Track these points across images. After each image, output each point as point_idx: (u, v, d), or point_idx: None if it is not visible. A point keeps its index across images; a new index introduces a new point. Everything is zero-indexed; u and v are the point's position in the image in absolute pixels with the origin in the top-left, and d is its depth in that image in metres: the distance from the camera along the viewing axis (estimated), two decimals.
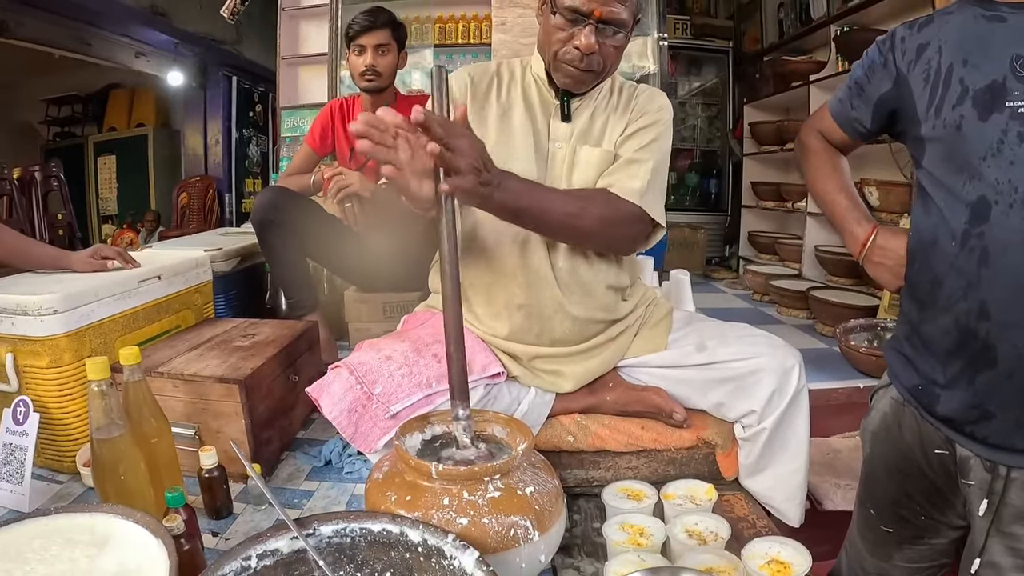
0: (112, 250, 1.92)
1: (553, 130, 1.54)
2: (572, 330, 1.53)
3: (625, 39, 1.43)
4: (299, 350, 1.91)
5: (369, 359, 1.38)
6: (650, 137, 1.51)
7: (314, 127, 2.64)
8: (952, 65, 1.15)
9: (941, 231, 1.17)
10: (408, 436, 1.12)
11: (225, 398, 1.56)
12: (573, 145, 1.52)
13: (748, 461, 1.57)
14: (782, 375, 1.48)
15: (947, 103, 1.15)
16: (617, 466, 1.60)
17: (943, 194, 1.16)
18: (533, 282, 1.50)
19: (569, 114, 1.53)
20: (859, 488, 1.50)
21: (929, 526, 1.34)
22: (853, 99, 1.35)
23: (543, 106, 1.55)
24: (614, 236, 1.46)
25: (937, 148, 1.18)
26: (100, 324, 1.75)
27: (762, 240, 5.23)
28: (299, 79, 4.33)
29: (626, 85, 1.61)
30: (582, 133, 1.53)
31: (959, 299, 1.15)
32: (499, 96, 1.57)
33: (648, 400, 1.57)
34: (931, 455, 1.26)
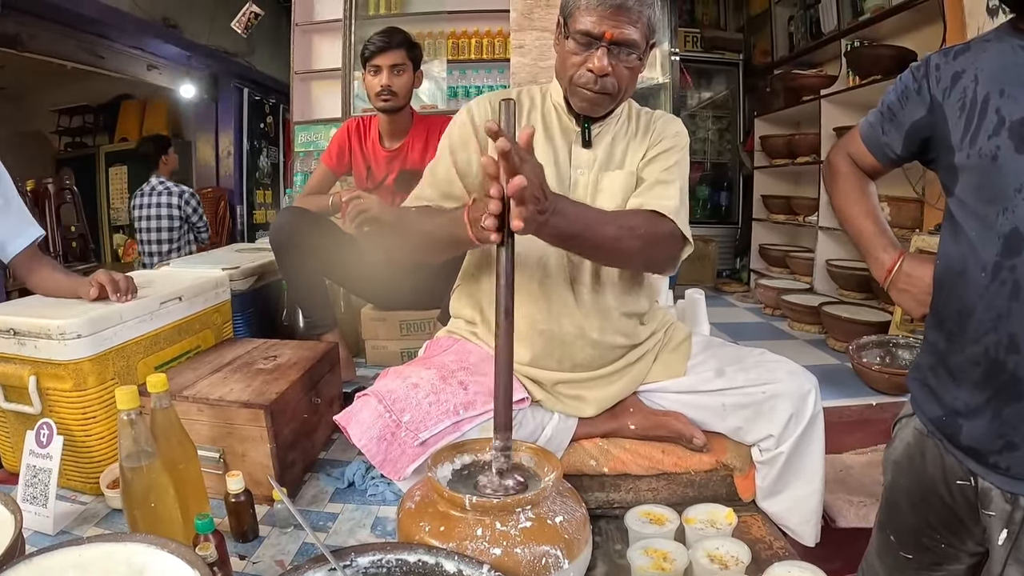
0: (106, 277, 1.83)
1: (575, 157, 1.56)
2: (593, 355, 1.55)
3: (639, 61, 1.45)
4: (321, 372, 1.93)
5: (396, 387, 1.40)
6: (673, 160, 1.53)
7: (331, 147, 2.67)
8: (988, 95, 1.14)
9: (971, 261, 1.15)
10: (440, 466, 1.14)
11: (251, 423, 1.58)
12: (596, 172, 1.54)
13: (765, 483, 1.59)
14: (799, 400, 1.51)
15: (983, 133, 1.13)
16: (638, 489, 1.62)
17: (975, 224, 1.15)
18: (554, 307, 1.52)
19: (590, 140, 1.55)
20: (879, 513, 1.48)
21: (948, 553, 1.33)
22: (884, 124, 1.34)
23: (564, 133, 1.57)
24: (655, 256, 1.47)
25: (971, 177, 1.16)
26: (123, 347, 1.77)
27: (773, 253, 5.22)
28: (312, 94, 4.36)
29: (643, 112, 1.64)
30: (605, 160, 1.55)
31: (988, 331, 1.13)
32: (519, 124, 1.57)
33: (669, 425, 1.59)
34: (953, 486, 1.25)
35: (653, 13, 1.44)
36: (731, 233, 6.42)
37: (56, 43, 5.74)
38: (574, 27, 1.41)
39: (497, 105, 1.57)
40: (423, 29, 4.12)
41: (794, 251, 4.99)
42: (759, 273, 5.38)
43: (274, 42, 6.65)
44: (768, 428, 1.52)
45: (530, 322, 1.53)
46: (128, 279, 1.86)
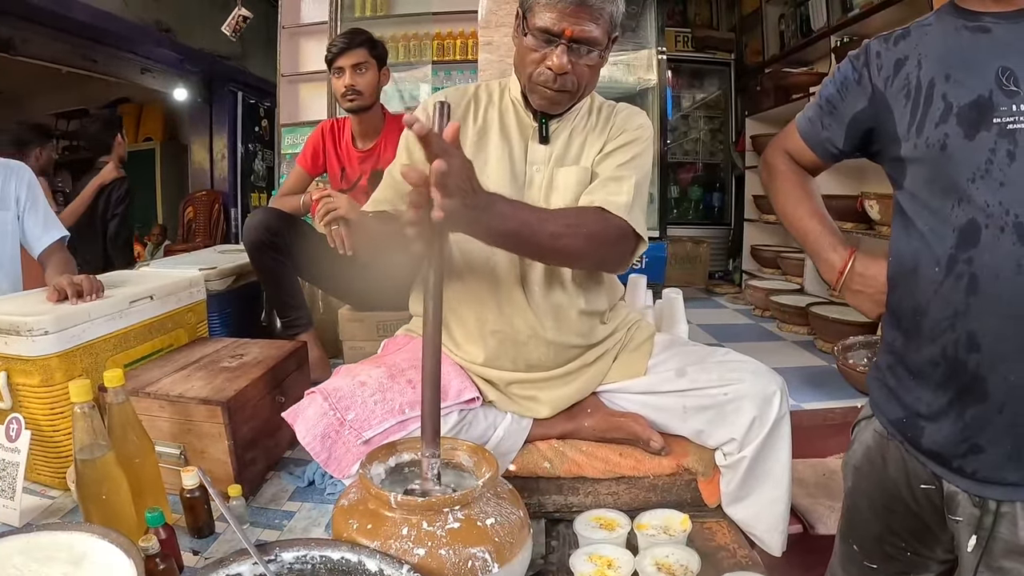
0: (66, 280, 1.83)
1: (531, 153, 1.53)
2: (548, 355, 1.53)
3: (600, 58, 1.42)
4: (286, 370, 1.93)
5: (343, 385, 1.40)
6: (631, 154, 1.49)
7: (306, 148, 2.68)
8: (934, 80, 1.10)
9: (923, 257, 1.11)
10: (375, 464, 1.13)
11: (209, 419, 1.58)
12: (551, 168, 1.51)
13: (729, 489, 1.55)
14: (763, 402, 1.46)
15: (929, 121, 1.09)
16: (597, 492, 1.59)
17: (927, 216, 1.11)
18: (505, 307, 1.50)
19: (548, 136, 1.52)
20: (840, 522, 1.44)
21: (915, 562, 1.29)
22: (824, 118, 1.29)
23: (520, 129, 1.55)
24: (604, 255, 1.42)
25: (920, 169, 1.12)
26: (92, 344, 1.77)
27: (765, 254, 5.21)
28: (300, 96, 4.37)
29: (605, 105, 1.60)
30: (560, 155, 1.52)
31: (946, 329, 1.10)
32: (475, 119, 1.56)
33: (626, 427, 1.57)
34: (917, 490, 1.21)
35: (616, 8, 1.40)
36: (723, 234, 6.41)
37: (49, 47, 5.74)
38: (533, 23, 1.37)
39: (452, 100, 1.53)
40: (408, 30, 4.12)
41: (786, 251, 4.97)
42: (751, 274, 5.37)
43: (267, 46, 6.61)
44: (730, 431, 1.48)
45: (480, 322, 1.52)
46: (91, 279, 1.86)
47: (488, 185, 1.44)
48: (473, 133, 1.54)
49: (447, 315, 1.57)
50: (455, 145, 1.09)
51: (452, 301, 1.55)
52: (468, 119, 1.56)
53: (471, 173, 1.11)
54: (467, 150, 1.50)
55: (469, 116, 1.56)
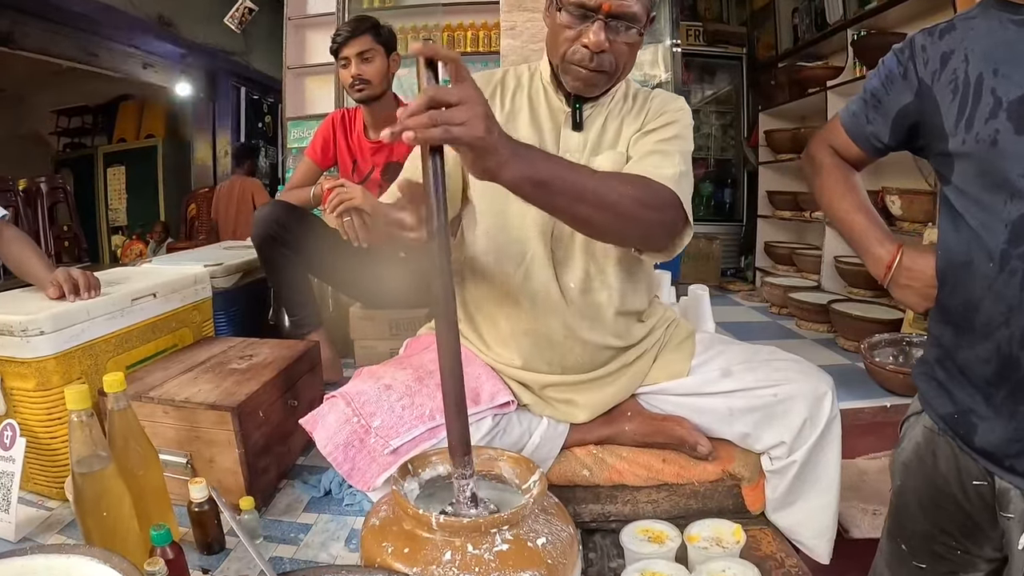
0: (64, 275, 1.74)
1: (564, 141, 1.41)
2: (584, 356, 1.43)
3: (638, 36, 1.31)
4: (299, 372, 1.82)
5: (367, 389, 1.29)
6: (671, 133, 1.37)
7: (315, 139, 2.56)
8: (982, 75, 1.06)
9: (975, 251, 1.08)
10: (408, 479, 1.01)
11: (217, 426, 1.47)
12: (586, 157, 1.40)
13: (775, 495, 1.47)
14: (814, 403, 1.38)
15: (979, 117, 1.06)
16: (636, 500, 1.49)
17: (977, 212, 1.08)
18: (540, 306, 1.39)
19: (581, 122, 1.41)
20: (888, 521, 1.40)
21: (964, 560, 1.24)
22: (869, 112, 1.25)
23: (552, 114, 1.43)
24: (651, 222, 1.21)
25: (969, 164, 1.09)
26: (91, 345, 1.68)
27: (779, 251, 5.10)
28: (306, 89, 4.28)
29: (640, 91, 1.49)
30: (595, 143, 1.41)
31: (1000, 325, 1.06)
32: (502, 105, 1.45)
33: (670, 431, 1.46)
34: (968, 487, 1.17)
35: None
36: (735, 231, 6.29)
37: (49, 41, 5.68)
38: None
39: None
40: (418, 22, 4.03)
41: (801, 248, 4.87)
42: (764, 271, 5.27)
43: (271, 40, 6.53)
44: (780, 434, 1.39)
45: (512, 322, 1.42)
46: (88, 276, 1.76)
47: None
48: (505, 115, 1.43)
49: (476, 314, 1.47)
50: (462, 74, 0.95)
51: (481, 300, 1.46)
52: (495, 106, 1.44)
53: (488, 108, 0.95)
54: None
55: (496, 103, 1.45)
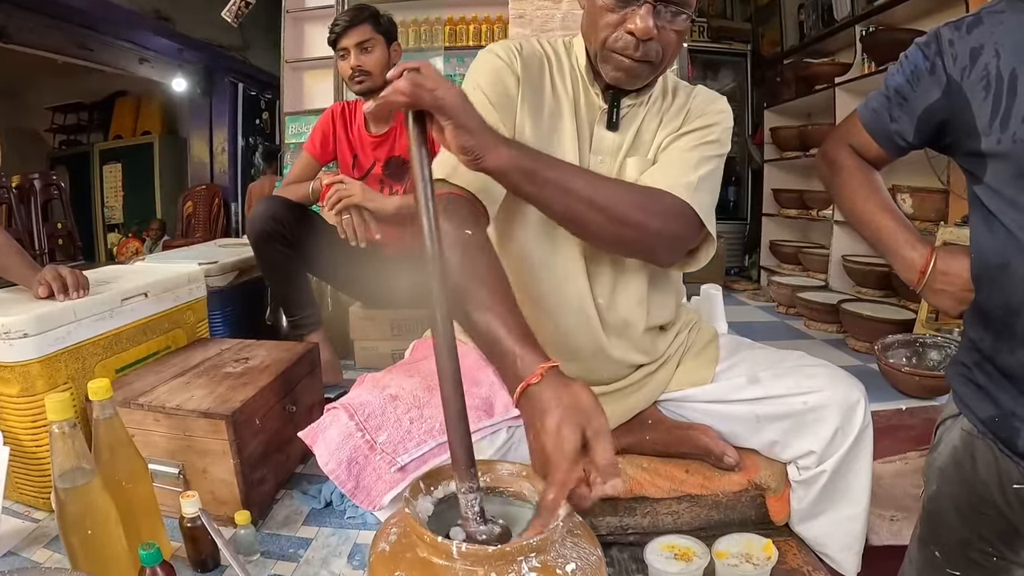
0: (52, 273, 1.66)
1: (596, 141, 1.28)
2: (607, 371, 1.35)
3: (688, 23, 1.18)
4: (297, 376, 1.74)
5: (372, 399, 1.19)
6: (709, 138, 1.26)
7: (314, 133, 2.47)
8: (1015, 71, 1.01)
9: (1013, 253, 1.03)
10: (420, 498, 0.91)
11: (211, 434, 1.39)
12: (619, 161, 1.28)
13: (802, 506, 1.39)
14: (846, 411, 1.29)
15: (1015, 115, 1.01)
16: (656, 512, 1.41)
17: (1014, 213, 1.03)
18: (571, 319, 1.29)
19: (617, 121, 1.27)
20: (919, 527, 1.33)
21: (1000, 567, 1.19)
22: (893, 110, 1.18)
23: (588, 110, 1.30)
24: (652, 231, 1.13)
25: (1005, 164, 1.04)
26: (78, 348, 1.59)
27: (785, 250, 5.03)
28: (304, 84, 4.19)
29: (681, 86, 1.36)
30: (630, 146, 1.29)
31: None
32: (553, 87, 1.30)
33: (694, 440, 1.38)
34: (1009, 491, 1.12)
35: None
36: (739, 229, 6.21)
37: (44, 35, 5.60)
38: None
39: (526, 52, 1.28)
40: (419, 15, 3.94)
41: (807, 247, 4.80)
42: (769, 270, 5.20)
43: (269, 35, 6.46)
44: (809, 443, 1.31)
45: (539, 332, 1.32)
46: (77, 274, 1.68)
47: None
48: (551, 102, 1.29)
49: None
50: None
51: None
52: (545, 84, 1.30)
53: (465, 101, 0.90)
54: (544, 124, 1.27)
55: (546, 80, 1.30)
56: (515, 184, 0.98)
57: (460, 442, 0.85)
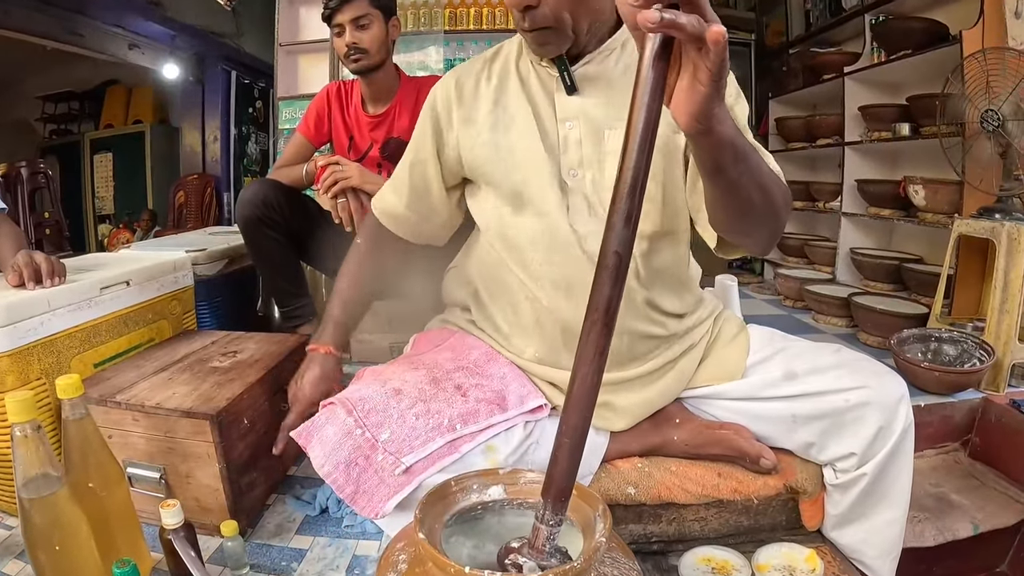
0: (25, 258, 1.54)
1: (560, 108, 1.21)
2: (619, 345, 1.22)
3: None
4: (289, 371, 1.59)
5: (373, 394, 1.07)
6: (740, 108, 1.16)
7: (308, 114, 2.33)
8: None
9: None
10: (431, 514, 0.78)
11: (194, 436, 1.27)
12: (596, 127, 1.19)
13: (837, 511, 1.28)
14: (889, 410, 1.19)
15: None
16: (682, 519, 1.30)
17: None
18: (567, 288, 1.19)
19: (574, 84, 1.19)
20: None
21: None
22: None
23: (542, 82, 1.24)
24: (783, 220, 1.04)
25: None
26: (52, 340, 1.47)
27: (789, 242, 4.92)
28: (299, 68, 4.05)
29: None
30: (604, 112, 1.19)
31: None
32: (489, 81, 1.28)
33: (728, 441, 1.26)
34: None
35: None
36: None
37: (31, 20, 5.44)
38: None
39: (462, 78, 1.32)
40: None
41: (813, 240, 4.70)
42: (774, 263, 5.10)
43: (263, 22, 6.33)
44: (848, 445, 1.20)
45: (533, 303, 1.23)
46: (52, 260, 1.55)
47: (515, 147, 1.21)
48: (490, 97, 1.27)
49: (491, 300, 1.28)
50: None
51: (496, 281, 1.28)
52: (481, 87, 1.30)
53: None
54: (482, 120, 1.26)
55: (482, 83, 1.30)
56: (724, 163, 0.84)
57: (569, 470, 0.73)
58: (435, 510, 0.77)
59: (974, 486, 1.83)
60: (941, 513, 1.68)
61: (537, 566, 0.72)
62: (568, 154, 1.20)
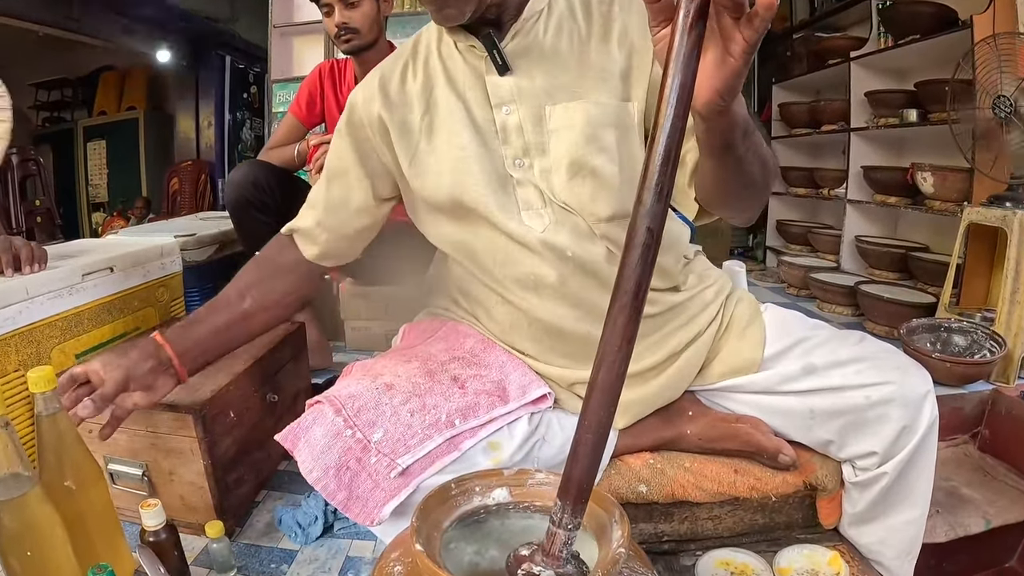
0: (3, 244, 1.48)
1: (493, 93, 1.09)
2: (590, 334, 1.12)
3: None
4: (280, 360, 1.55)
5: (363, 390, 0.99)
6: None
7: (300, 94, 2.25)
8: None
9: None
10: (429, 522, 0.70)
11: (177, 431, 1.20)
12: (536, 105, 1.08)
13: (856, 509, 1.20)
14: (914, 407, 1.10)
15: None
16: (695, 517, 1.22)
17: None
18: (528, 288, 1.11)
19: (505, 62, 1.07)
20: None
21: None
22: None
23: (469, 67, 1.11)
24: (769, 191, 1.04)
25: None
26: (31, 330, 1.40)
27: (793, 230, 4.86)
28: (293, 49, 4.00)
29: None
30: (543, 85, 1.08)
31: None
32: (415, 75, 1.16)
33: (744, 435, 1.18)
34: None
35: None
36: None
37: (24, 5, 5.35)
38: None
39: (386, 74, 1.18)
40: None
41: (816, 227, 4.64)
42: (776, 251, 5.05)
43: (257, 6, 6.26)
44: (870, 443, 1.12)
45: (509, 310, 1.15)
46: (32, 246, 1.49)
47: (443, 150, 1.09)
48: (417, 93, 1.14)
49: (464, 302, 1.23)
50: None
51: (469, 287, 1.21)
52: (407, 84, 1.16)
53: None
54: (416, 121, 1.13)
55: (408, 80, 1.17)
56: (733, 138, 0.80)
57: (589, 470, 0.66)
58: (434, 516, 0.69)
59: (984, 480, 1.77)
60: (952, 508, 1.63)
61: (555, 574, 0.65)
62: (510, 143, 1.09)
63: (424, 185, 1.12)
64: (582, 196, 1.06)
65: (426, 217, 1.19)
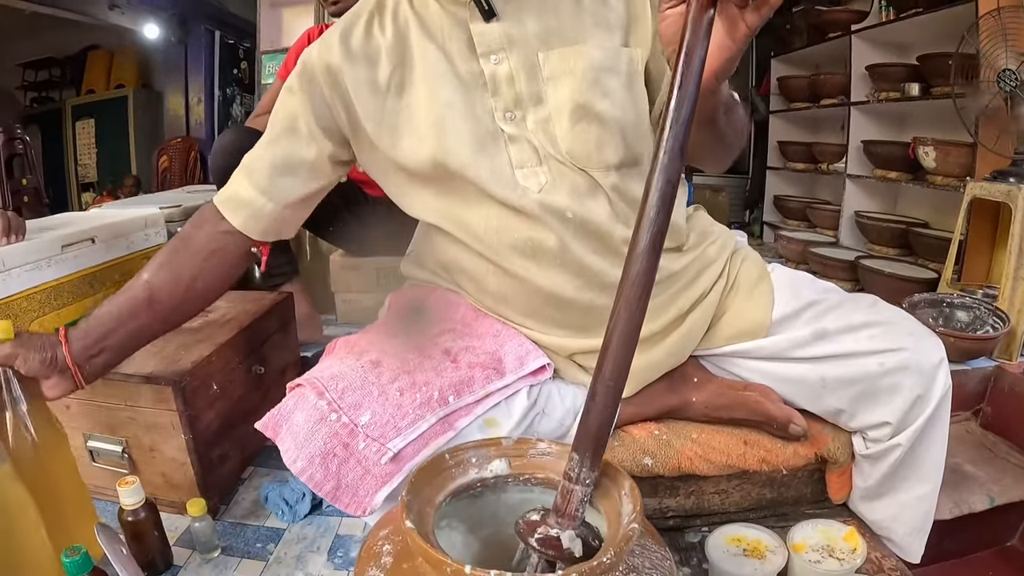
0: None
1: (480, 40, 1.00)
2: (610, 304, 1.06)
3: None
4: (266, 331, 1.49)
5: (347, 370, 0.93)
6: None
7: (289, 59, 2.17)
8: None
9: None
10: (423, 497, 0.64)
11: (157, 404, 1.14)
12: (530, 54, 1.00)
13: (867, 483, 1.16)
14: (928, 375, 1.06)
15: None
16: (700, 491, 1.18)
17: None
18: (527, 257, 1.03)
19: (491, 7, 0.99)
20: None
21: None
22: None
23: (449, 15, 1.02)
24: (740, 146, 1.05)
25: None
26: (8, 303, 1.35)
27: (791, 205, 4.83)
28: (283, 20, 3.91)
29: None
30: (537, 34, 1.01)
31: None
32: (382, 30, 1.05)
33: (752, 404, 1.12)
34: None
35: None
36: (741, 183, 5.99)
37: None
38: None
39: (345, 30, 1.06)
40: None
41: (814, 203, 4.62)
42: (774, 226, 5.02)
43: None
44: (882, 413, 1.08)
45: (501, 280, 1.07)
46: (10, 216, 1.44)
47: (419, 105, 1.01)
48: (388, 47, 1.04)
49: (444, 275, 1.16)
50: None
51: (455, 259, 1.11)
52: (374, 36, 1.06)
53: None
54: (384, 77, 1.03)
55: (375, 32, 1.06)
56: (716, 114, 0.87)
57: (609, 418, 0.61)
58: (426, 491, 0.63)
59: (987, 457, 1.75)
60: (957, 485, 1.61)
61: (576, 535, 0.60)
62: (500, 95, 1.01)
63: (398, 148, 1.02)
64: (588, 143, 0.99)
65: (402, 185, 1.09)
